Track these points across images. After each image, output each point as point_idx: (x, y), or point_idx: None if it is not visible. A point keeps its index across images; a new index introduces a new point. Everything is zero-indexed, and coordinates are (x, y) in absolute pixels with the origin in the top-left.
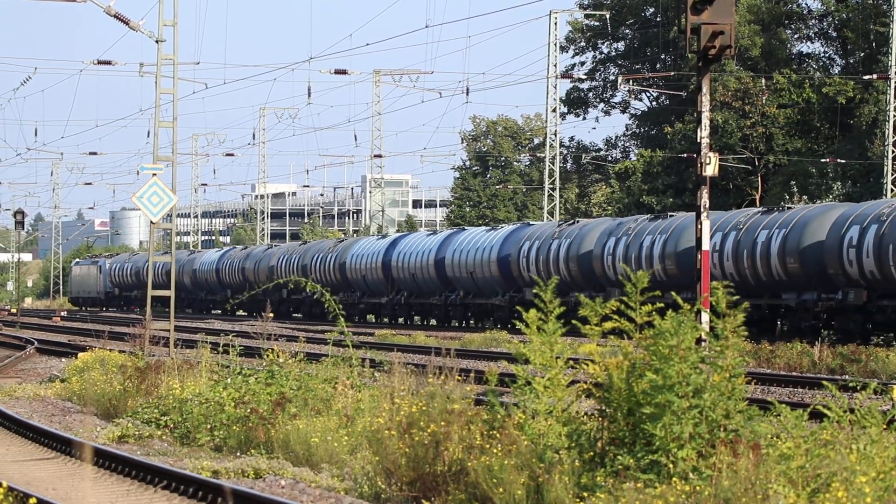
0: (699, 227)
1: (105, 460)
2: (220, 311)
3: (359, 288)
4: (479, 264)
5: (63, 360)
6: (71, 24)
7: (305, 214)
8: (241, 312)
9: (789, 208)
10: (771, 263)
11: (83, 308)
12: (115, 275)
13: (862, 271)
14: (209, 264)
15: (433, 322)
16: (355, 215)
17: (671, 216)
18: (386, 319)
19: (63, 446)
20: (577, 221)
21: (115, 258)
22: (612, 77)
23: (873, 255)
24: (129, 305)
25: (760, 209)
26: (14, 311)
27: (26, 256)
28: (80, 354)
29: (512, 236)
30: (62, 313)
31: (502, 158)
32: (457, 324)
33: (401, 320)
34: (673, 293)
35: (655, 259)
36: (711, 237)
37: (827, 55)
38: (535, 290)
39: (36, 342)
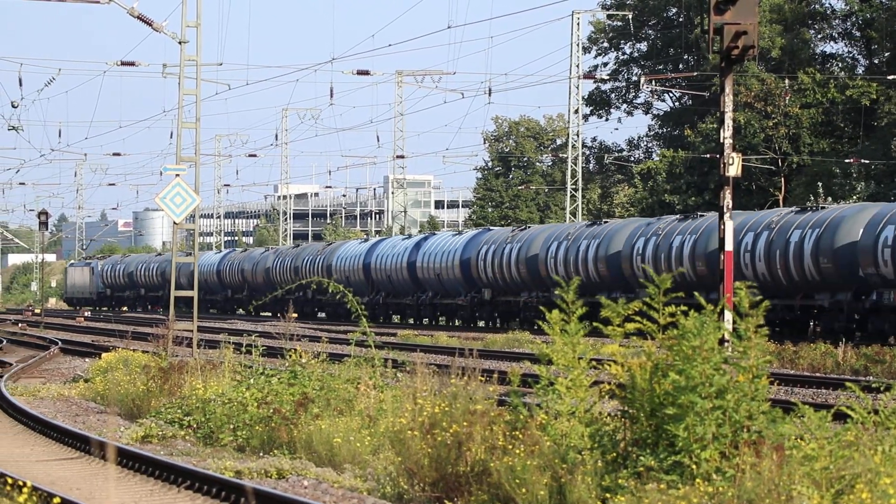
0: (722, 227)
1: (129, 460)
2: (216, 311)
3: (344, 287)
4: (444, 267)
5: (87, 360)
6: (94, 26)
7: (328, 215)
8: (240, 311)
9: (701, 216)
10: (684, 265)
11: (77, 308)
12: (106, 276)
13: (756, 273)
14: (209, 266)
15: (411, 320)
16: (378, 216)
17: (605, 222)
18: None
19: (87, 446)
20: (528, 228)
21: (107, 260)
22: (634, 77)
23: (764, 259)
24: (121, 305)
25: (677, 217)
26: (38, 311)
27: (50, 257)
28: (104, 355)
29: (472, 241)
30: (86, 313)
31: (525, 159)
32: (427, 321)
33: (381, 319)
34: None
35: (590, 261)
36: (635, 242)
37: (851, 55)
38: (557, 291)
39: (60, 342)
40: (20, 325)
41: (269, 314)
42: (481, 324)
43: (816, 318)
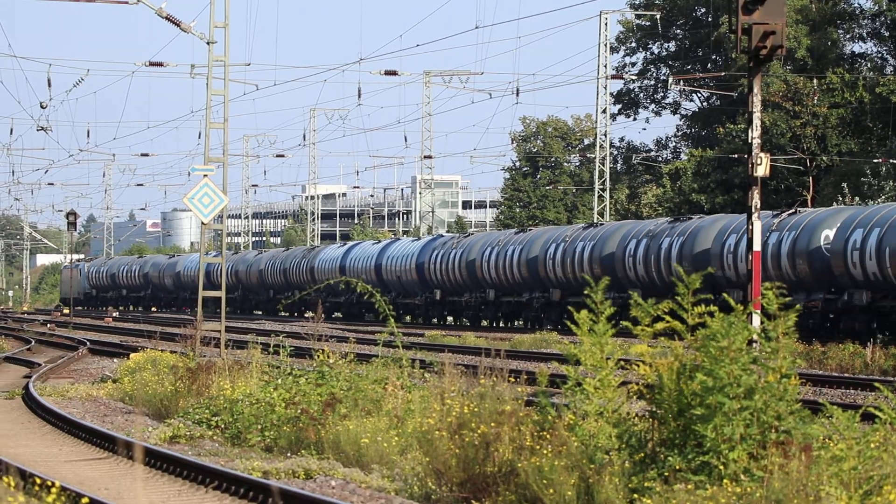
0: (750, 227)
1: (157, 460)
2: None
3: (324, 288)
4: (404, 270)
5: (115, 360)
6: (123, 26)
7: (356, 215)
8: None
9: (600, 224)
10: (579, 268)
11: (74, 307)
12: (92, 277)
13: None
14: (195, 268)
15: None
16: (405, 216)
17: (530, 230)
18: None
19: (115, 446)
20: (470, 234)
21: (93, 262)
22: (662, 77)
23: (643, 264)
24: (106, 306)
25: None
26: (66, 311)
27: (78, 257)
28: (132, 355)
29: (426, 246)
30: (114, 314)
31: (552, 159)
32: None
33: (355, 316)
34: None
35: (514, 265)
36: (548, 248)
37: (880, 55)
38: (586, 291)
39: (88, 343)
40: (49, 325)
41: (261, 312)
42: (434, 320)
43: None
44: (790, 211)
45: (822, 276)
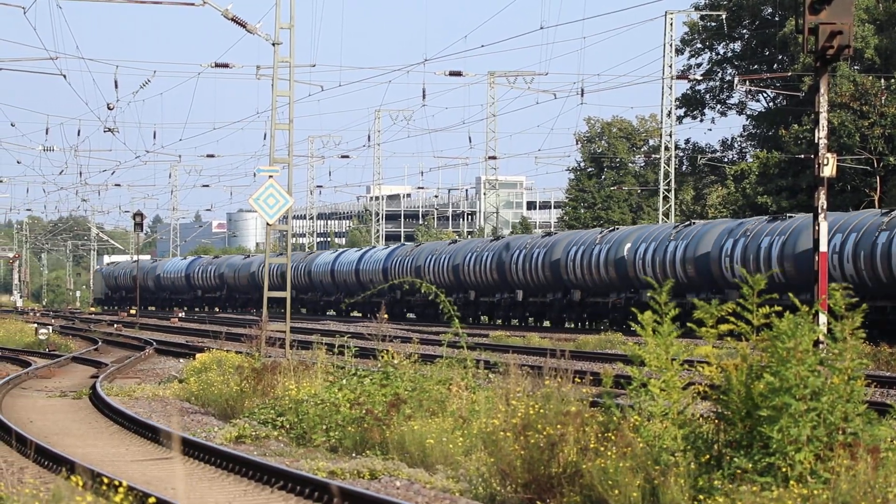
0: (817, 228)
1: (222, 460)
2: (186, 308)
3: (319, 289)
4: (373, 272)
5: (181, 360)
6: (189, 28)
7: (420, 216)
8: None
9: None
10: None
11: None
12: (107, 279)
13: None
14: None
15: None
16: (470, 217)
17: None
18: (333, 312)
19: (181, 446)
20: (421, 244)
21: (107, 266)
22: (728, 78)
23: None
24: (115, 305)
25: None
26: (133, 312)
27: (145, 258)
28: (198, 355)
29: (392, 253)
30: (180, 314)
31: (617, 160)
32: (369, 314)
33: (343, 312)
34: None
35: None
36: (461, 258)
37: None
38: (649, 293)
39: (154, 343)
40: (115, 325)
41: (254, 309)
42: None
43: None
44: None
45: None
